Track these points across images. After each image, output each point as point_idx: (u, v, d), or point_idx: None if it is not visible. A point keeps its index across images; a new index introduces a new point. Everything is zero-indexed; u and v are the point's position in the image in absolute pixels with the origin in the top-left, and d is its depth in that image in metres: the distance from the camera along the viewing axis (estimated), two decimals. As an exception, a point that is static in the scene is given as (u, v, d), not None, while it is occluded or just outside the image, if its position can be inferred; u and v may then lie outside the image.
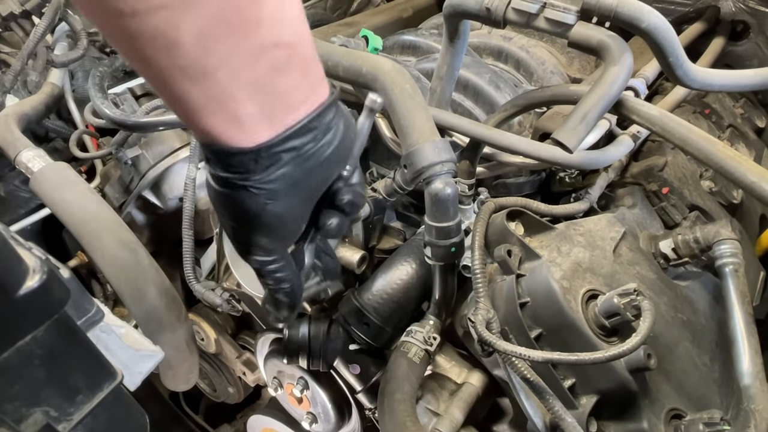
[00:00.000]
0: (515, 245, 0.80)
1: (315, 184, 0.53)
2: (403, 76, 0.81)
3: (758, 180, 0.72)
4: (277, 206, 0.50)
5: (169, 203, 1.24)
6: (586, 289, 0.75)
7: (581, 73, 1.24)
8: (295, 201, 0.52)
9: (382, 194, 0.95)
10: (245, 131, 0.45)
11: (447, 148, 0.77)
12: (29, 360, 0.40)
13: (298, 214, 0.54)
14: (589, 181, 1.04)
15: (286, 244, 0.57)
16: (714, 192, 1.12)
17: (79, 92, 1.44)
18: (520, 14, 0.80)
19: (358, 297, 0.92)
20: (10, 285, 0.37)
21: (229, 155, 0.46)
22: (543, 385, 0.68)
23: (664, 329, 0.79)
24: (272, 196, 0.49)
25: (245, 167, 0.47)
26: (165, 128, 1.11)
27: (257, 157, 0.46)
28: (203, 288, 1.10)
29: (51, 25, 1.29)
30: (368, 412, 0.98)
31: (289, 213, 0.52)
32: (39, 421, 0.41)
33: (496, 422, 0.91)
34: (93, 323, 0.50)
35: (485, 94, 1.07)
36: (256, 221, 0.51)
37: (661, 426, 0.72)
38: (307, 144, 0.48)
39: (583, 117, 0.75)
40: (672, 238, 0.90)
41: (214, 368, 1.45)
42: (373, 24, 1.41)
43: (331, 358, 0.95)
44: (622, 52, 0.75)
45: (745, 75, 0.87)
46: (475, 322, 0.71)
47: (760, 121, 1.39)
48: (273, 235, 0.53)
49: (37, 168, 1.06)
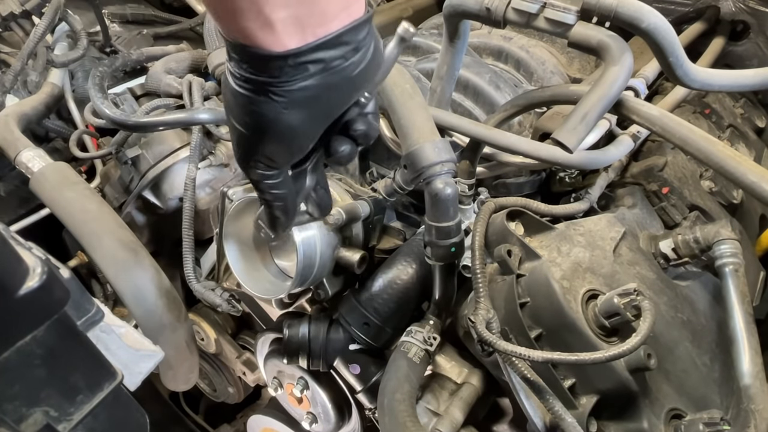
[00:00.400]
0: (515, 245, 0.80)
1: (334, 103, 0.53)
2: (403, 76, 0.81)
3: (758, 180, 0.72)
4: (292, 116, 0.50)
5: (169, 203, 1.24)
6: (586, 289, 0.75)
7: (581, 73, 1.24)
8: (311, 116, 0.52)
9: (382, 194, 0.95)
10: (276, 35, 0.45)
11: (447, 148, 0.77)
12: (29, 360, 0.40)
13: (310, 131, 0.54)
14: (589, 181, 1.04)
15: (291, 159, 0.57)
16: (714, 192, 1.12)
17: (79, 92, 1.44)
18: (520, 14, 0.80)
19: (358, 297, 0.92)
20: (10, 285, 0.37)
21: (258, 58, 0.47)
22: (543, 385, 0.68)
23: (664, 329, 0.79)
24: (290, 105, 0.49)
25: (271, 72, 0.47)
26: (165, 128, 1.11)
27: (284, 63, 0.47)
28: (203, 288, 1.10)
29: (51, 25, 1.29)
30: (368, 412, 0.98)
31: (302, 126, 0.52)
32: (39, 421, 0.41)
33: (496, 422, 0.91)
34: (93, 323, 0.50)
35: (485, 94, 1.07)
36: (269, 129, 0.51)
37: (661, 426, 0.72)
38: (336, 59, 0.48)
39: (583, 117, 0.75)
40: (672, 238, 0.90)
41: (214, 368, 1.45)
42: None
43: (331, 358, 0.95)
44: (622, 52, 0.75)
45: (745, 75, 0.87)
46: (475, 322, 0.71)
47: (760, 121, 1.39)
48: (280, 148, 0.54)
49: (37, 168, 1.06)
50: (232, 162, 1.22)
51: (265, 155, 0.54)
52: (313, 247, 0.86)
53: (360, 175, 1.12)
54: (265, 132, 0.52)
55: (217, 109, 1.11)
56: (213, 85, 1.23)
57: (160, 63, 1.28)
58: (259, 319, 1.25)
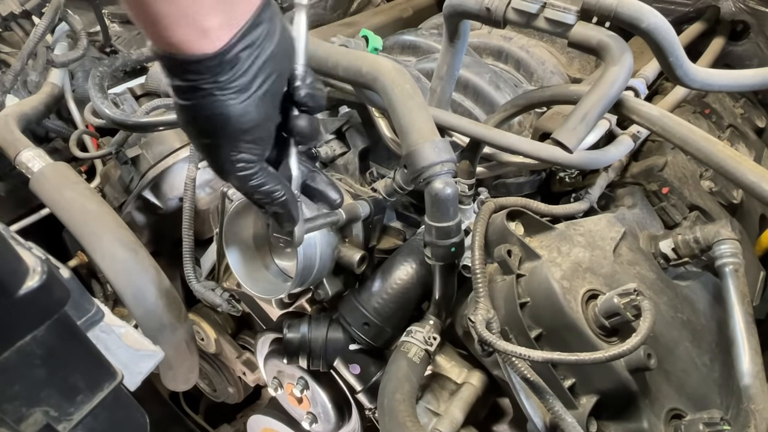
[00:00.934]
0: (515, 245, 0.80)
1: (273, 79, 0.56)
2: (403, 76, 0.81)
3: (758, 180, 0.72)
4: (243, 105, 0.54)
5: (169, 203, 1.24)
6: (586, 289, 0.75)
7: (581, 73, 1.24)
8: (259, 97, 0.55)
9: (382, 194, 0.95)
10: (209, 38, 0.50)
11: (447, 148, 0.76)
12: (29, 360, 0.40)
13: (265, 113, 0.57)
14: (589, 181, 1.04)
15: (263, 150, 0.60)
16: (714, 192, 1.12)
17: (79, 92, 1.44)
18: (520, 14, 0.80)
19: (357, 297, 0.92)
20: (10, 285, 0.37)
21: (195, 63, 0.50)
22: (543, 385, 0.68)
23: (664, 329, 0.79)
24: (238, 95, 0.53)
25: (210, 71, 0.51)
26: (165, 128, 1.11)
27: (221, 59, 0.51)
28: (203, 288, 1.10)
29: (51, 25, 1.29)
30: (368, 412, 0.98)
31: (256, 110, 0.55)
32: (39, 421, 0.41)
33: (496, 422, 0.91)
34: (93, 323, 0.50)
35: (485, 94, 1.07)
36: (228, 126, 0.54)
37: (661, 426, 0.72)
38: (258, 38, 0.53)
39: (583, 117, 0.75)
40: (672, 238, 0.90)
41: (214, 368, 1.45)
42: (373, 24, 1.41)
43: (331, 358, 0.95)
44: (622, 52, 0.75)
45: (745, 75, 0.87)
46: (475, 322, 0.71)
47: (760, 121, 1.39)
48: (246, 140, 0.56)
49: (37, 168, 1.06)
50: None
51: (238, 156, 0.57)
52: (313, 247, 0.86)
53: (360, 175, 1.12)
54: (226, 129, 0.54)
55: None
56: (213, 85, 1.23)
57: (160, 63, 1.28)
58: (259, 319, 1.25)
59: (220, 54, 0.50)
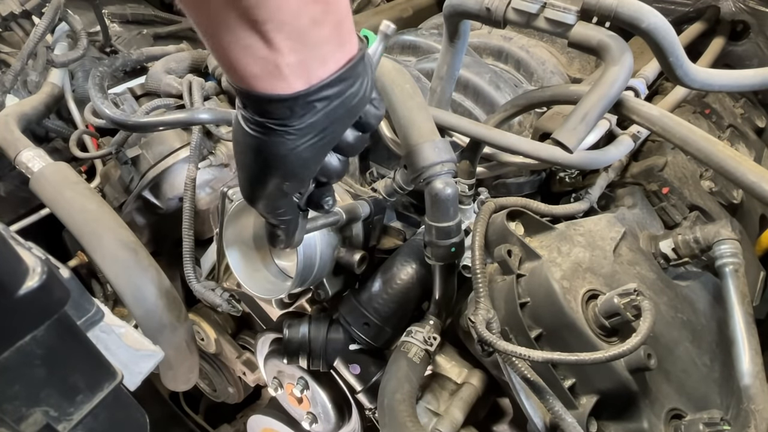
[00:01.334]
0: (515, 245, 0.80)
1: (339, 129, 0.56)
2: (403, 76, 0.81)
3: (758, 180, 0.72)
4: (305, 151, 0.53)
5: (169, 203, 1.24)
6: (586, 289, 0.75)
7: (581, 73, 1.24)
8: (319, 145, 0.54)
9: (382, 194, 0.95)
10: (284, 80, 0.48)
11: (447, 148, 0.77)
12: (29, 360, 0.40)
13: (320, 159, 0.57)
14: (589, 181, 1.04)
15: (301, 188, 0.60)
16: (714, 192, 1.12)
17: (79, 92, 1.44)
18: (520, 14, 0.80)
19: (358, 297, 0.92)
20: (10, 285, 0.37)
21: (268, 102, 0.49)
22: (543, 385, 0.68)
23: (664, 329, 0.79)
24: (301, 141, 0.52)
25: (281, 114, 0.50)
26: (165, 128, 1.11)
27: (294, 105, 0.49)
28: (203, 288, 1.10)
29: (51, 25, 1.29)
30: (368, 412, 0.98)
31: (314, 158, 0.55)
32: (39, 421, 0.41)
33: (496, 422, 0.91)
34: (93, 323, 0.50)
35: (485, 94, 1.07)
36: (282, 165, 0.54)
37: (661, 426, 0.72)
38: (338, 95, 0.52)
39: (583, 117, 0.75)
40: (672, 238, 0.90)
41: (214, 368, 1.45)
42: (373, 24, 1.40)
43: (331, 358, 0.95)
44: (622, 52, 0.75)
45: (745, 75, 0.87)
46: (475, 322, 0.71)
47: (760, 121, 1.39)
48: (292, 179, 0.56)
49: (37, 168, 1.06)
50: (231, 162, 1.22)
51: (277, 189, 0.57)
52: (313, 247, 0.86)
53: (360, 175, 1.12)
54: (278, 168, 0.54)
55: (217, 109, 1.11)
56: (213, 85, 1.23)
57: (160, 63, 1.28)
58: (259, 319, 1.25)
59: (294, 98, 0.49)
